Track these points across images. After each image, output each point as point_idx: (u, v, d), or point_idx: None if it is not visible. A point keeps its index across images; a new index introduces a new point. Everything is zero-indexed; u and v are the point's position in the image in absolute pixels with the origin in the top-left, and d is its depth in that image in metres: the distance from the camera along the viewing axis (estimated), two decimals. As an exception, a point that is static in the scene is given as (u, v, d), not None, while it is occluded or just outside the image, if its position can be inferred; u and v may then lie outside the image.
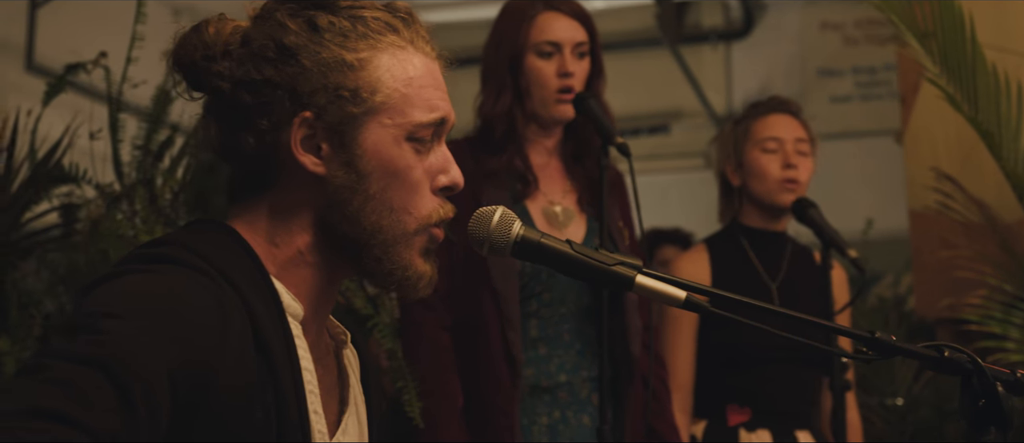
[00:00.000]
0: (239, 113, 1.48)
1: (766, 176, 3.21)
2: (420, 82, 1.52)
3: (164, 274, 1.36)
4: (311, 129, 1.48)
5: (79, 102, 3.29)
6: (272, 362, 1.40)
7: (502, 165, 2.86)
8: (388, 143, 1.50)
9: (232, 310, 1.37)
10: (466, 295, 2.81)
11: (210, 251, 1.42)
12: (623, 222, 3.01)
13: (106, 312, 1.28)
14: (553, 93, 2.87)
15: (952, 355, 1.59)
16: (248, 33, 1.50)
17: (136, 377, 1.22)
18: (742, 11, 7.99)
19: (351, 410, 1.62)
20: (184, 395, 1.29)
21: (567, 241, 1.55)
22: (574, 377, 2.86)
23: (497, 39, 2.93)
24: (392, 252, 1.51)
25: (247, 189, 1.54)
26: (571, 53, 2.87)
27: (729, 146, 3.32)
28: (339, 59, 1.48)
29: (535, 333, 2.85)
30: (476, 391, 2.80)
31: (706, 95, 7.75)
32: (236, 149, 1.50)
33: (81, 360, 1.21)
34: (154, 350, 1.26)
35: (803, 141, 3.26)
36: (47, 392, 1.17)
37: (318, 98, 1.47)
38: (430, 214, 1.53)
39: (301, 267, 1.52)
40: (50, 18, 5.76)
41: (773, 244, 3.29)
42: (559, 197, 2.95)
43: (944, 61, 3.26)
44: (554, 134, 2.97)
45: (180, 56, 1.51)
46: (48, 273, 2.96)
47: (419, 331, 2.82)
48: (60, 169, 2.94)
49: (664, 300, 1.52)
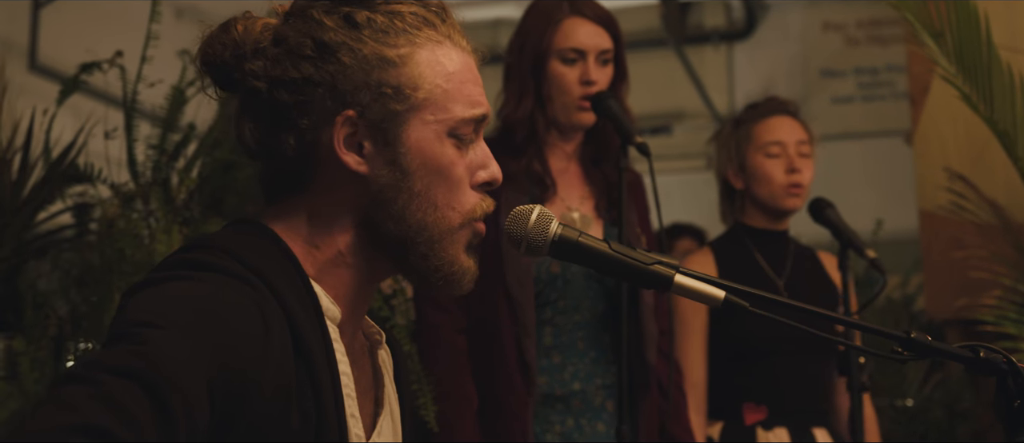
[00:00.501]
0: (278, 112, 1.46)
1: (771, 181, 3.21)
2: (460, 77, 1.51)
3: (205, 282, 1.35)
4: (353, 127, 1.46)
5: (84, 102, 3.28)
6: (311, 367, 1.39)
7: (521, 168, 2.84)
8: (431, 140, 1.48)
9: (272, 317, 1.36)
10: (482, 299, 2.79)
11: (251, 255, 1.41)
12: (640, 227, 2.99)
13: (148, 321, 1.27)
14: (575, 100, 2.85)
15: (987, 356, 1.59)
16: (280, 31, 1.48)
17: (175, 389, 1.21)
18: (744, 11, 8.00)
19: (386, 411, 1.62)
20: (223, 403, 1.28)
21: (605, 239, 1.53)
22: (588, 385, 2.84)
23: (521, 41, 2.91)
24: (438, 249, 1.50)
25: (283, 189, 1.52)
26: (595, 60, 2.85)
27: (730, 149, 3.30)
28: (380, 55, 1.46)
29: (549, 341, 2.84)
30: (491, 395, 2.78)
31: (708, 96, 7.76)
32: (274, 148, 1.49)
33: (122, 372, 1.20)
34: (194, 360, 1.25)
35: (804, 143, 3.25)
36: (89, 406, 1.16)
37: (361, 96, 1.45)
38: (474, 209, 1.52)
39: (340, 268, 1.50)
40: (53, 18, 5.76)
41: (776, 243, 3.30)
42: (577, 203, 2.93)
43: (959, 60, 3.25)
44: (574, 139, 2.96)
45: (208, 55, 1.49)
46: (62, 273, 2.95)
47: (435, 333, 2.80)
48: (74, 169, 2.92)
49: (703, 299, 1.52)
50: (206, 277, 1.36)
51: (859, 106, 7.94)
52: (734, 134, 3.30)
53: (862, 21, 7.90)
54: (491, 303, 2.78)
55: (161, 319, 1.27)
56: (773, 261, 3.26)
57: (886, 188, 6.97)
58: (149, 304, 1.31)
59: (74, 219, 3.05)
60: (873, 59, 7.86)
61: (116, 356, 1.23)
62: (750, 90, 7.89)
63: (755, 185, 3.24)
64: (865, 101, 7.93)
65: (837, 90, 7.99)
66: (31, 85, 5.14)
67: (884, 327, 1.61)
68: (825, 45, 7.99)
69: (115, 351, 1.24)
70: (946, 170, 3.76)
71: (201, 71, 1.52)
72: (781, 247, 3.30)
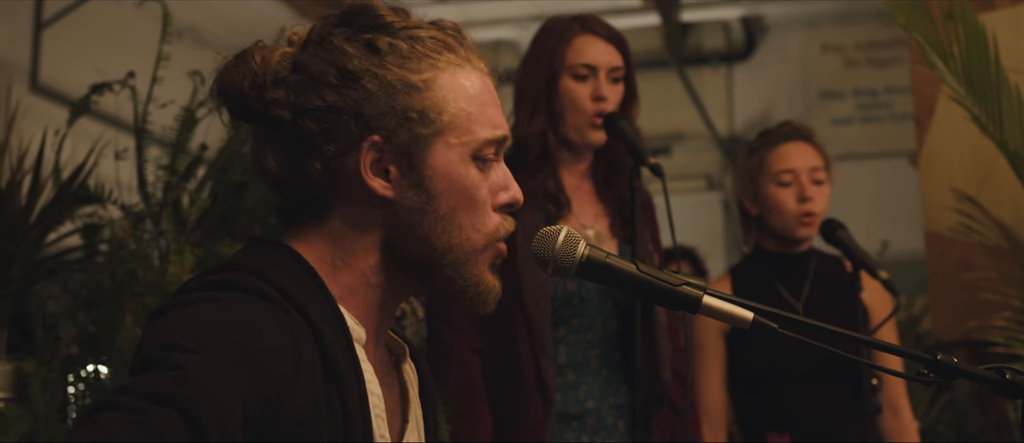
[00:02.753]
0: (303, 141, 1.46)
1: (783, 211, 3.19)
2: (481, 100, 1.52)
3: (234, 303, 1.35)
4: (379, 153, 1.47)
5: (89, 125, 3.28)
6: (340, 388, 1.39)
7: (535, 186, 2.84)
8: (455, 162, 1.49)
9: (302, 338, 1.36)
10: (498, 319, 2.78)
11: (278, 276, 1.41)
12: (653, 246, 2.99)
13: (181, 346, 1.26)
14: (587, 116, 2.85)
15: (1014, 378, 1.59)
16: (300, 59, 1.48)
17: (213, 415, 1.21)
18: (743, 33, 8.03)
19: (411, 427, 1.61)
20: (256, 426, 1.28)
21: (633, 260, 1.53)
22: (602, 404, 2.83)
23: (533, 59, 2.92)
24: (463, 270, 1.50)
25: (304, 212, 1.52)
26: (606, 77, 2.85)
27: (745, 177, 3.28)
28: (404, 81, 1.46)
29: (563, 359, 2.83)
30: (507, 416, 2.77)
31: (708, 117, 7.78)
32: (299, 176, 1.48)
33: (159, 399, 1.20)
34: (229, 385, 1.25)
35: (818, 169, 3.21)
36: (122, 428, 1.16)
37: (387, 121, 1.45)
38: (497, 229, 1.53)
39: (364, 289, 1.50)
40: (54, 39, 5.76)
41: (795, 266, 3.27)
42: (591, 220, 2.92)
43: (969, 81, 3.26)
44: (586, 157, 2.96)
45: (226, 87, 1.48)
46: (71, 295, 2.94)
47: (449, 353, 2.79)
48: (84, 190, 2.91)
49: (732, 320, 1.51)
50: (234, 298, 1.35)
51: (859, 127, 7.97)
52: (748, 162, 3.29)
53: (861, 43, 7.94)
54: (508, 323, 2.78)
55: (194, 343, 1.27)
56: (791, 285, 3.25)
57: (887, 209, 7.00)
58: (180, 327, 1.30)
59: (83, 240, 3.04)
60: (872, 81, 7.89)
61: (153, 382, 1.22)
62: (750, 112, 7.92)
63: (768, 214, 3.22)
64: (864, 122, 7.96)
65: (836, 112, 8.02)
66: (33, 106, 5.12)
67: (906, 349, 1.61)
68: (824, 67, 8.03)
69: (152, 377, 1.23)
70: (953, 191, 3.76)
71: (218, 102, 1.51)
72: (800, 270, 3.27)
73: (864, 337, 1.60)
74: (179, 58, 3.01)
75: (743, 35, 8.04)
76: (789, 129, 3.27)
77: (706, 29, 8.10)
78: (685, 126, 7.95)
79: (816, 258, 3.30)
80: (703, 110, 7.62)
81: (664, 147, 7.98)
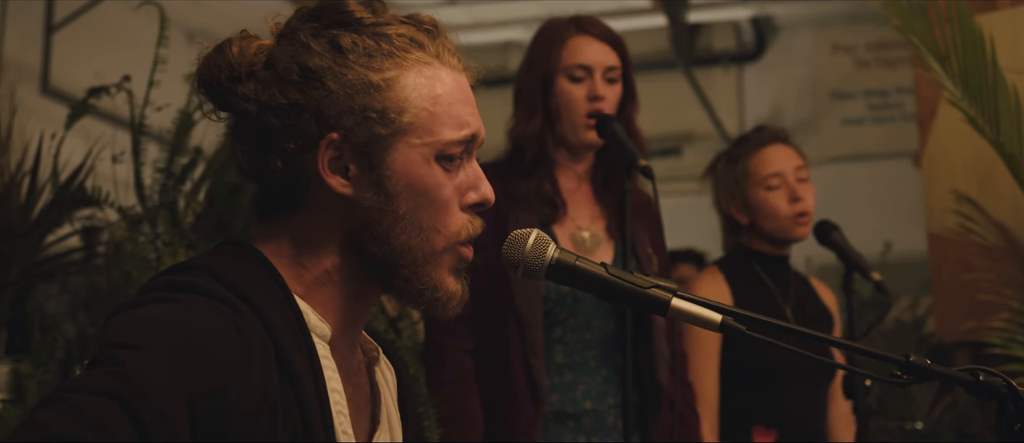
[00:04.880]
0: (266, 136, 1.47)
1: (776, 214, 3.20)
2: (448, 99, 1.50)
3: (184, 303, 1.35)
4: (338, 151, 1.47)
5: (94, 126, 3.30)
6: (297, 384, 1.39)
7: (531, 188, 2.85)
8: (417, 163, 1.48)
9: (254, 336, 1.36)
10: (490, 320, 2.80)
11: (233, 276, 1.42)
12: (653, 248, 2.99)
13: (125, 343, 1.26)
14: (582, 117, 2.85)
15: (987, 379, 1.59)
16: (273, 53, 1.49)
17: (152, 407, 1.20)
18: (754, 34, 8.01)
19: (383, 427, 1.61)
20: (205, 423, 1.28)
21: (602, 264, 1.53)
22: (600, 404, 2.84)
23: (530, 61, 2.93)
24: (421, 272, 1.50)
25: (273, 210, 1.53)
26: (602, 77, 2.86)
27: (730, 187, 3.29)
28: (365, 80, 1.46)
29: (560, 359, 2.84)
30: (498, 416, 2.78)
31: (718, 118, 7.77)
32: (263, 171, 1.50)
33: (98, 392, 1.20)
34: (171, 380, 1.24)
35: (801, 168, 3.24)
36: (63, 423, 1.16)
37: (345, 120, 1.46)
38: (459, 231, 1.52)
39: (328, 286, 1.51)
40: (65, 42, 5.79)
41: (781, 268, 3.29)
42: (587, 222, 2.93)
43: (965, 83, 3.25)
44: (585, 159, 2.96)
45: (205, 77, 1.50)
46: (70, 296, 2.96)
47: (441, 355, 2.80)
48: (82, 192, 2.94)
49: (701, 323, 1.51)
50: (184, 298, 1.36)
51: (869, 128, 7.95)
52: (731, 171, 3.29)
53: (871, 44, 7.92)
54: (500, 322, 2.79)
55: (137, 340, 1.27)
56: (780, 284, 3.27)
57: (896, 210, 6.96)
58: (127, 326, 1.31)
59: (82, 242, 3.07)
60: (883, 81, 7.87)
61: (92, 378, 1.22)
62: (760, 112, 7.91)
63: (761, 219, 3.23)
64: (875, 123, 7.94)
65: (847, 112, 8.00)
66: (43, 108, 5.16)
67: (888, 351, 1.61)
68: (835, 67, 8.01)
69: (92, 374, 1.24)
70: (953, 192, 3.75)
71: (198, 92, 1.52)
72: (785, 272, 3.30)
73: (838, 340, 1.60)
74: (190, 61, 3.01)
75: (753, 35, 8.03)
76: (767, 133, 3.29)
77: (716, 29, 8.09)
78: (695, 127, 7.94)
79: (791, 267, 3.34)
80: (712, 111, 7.62)
81: (674, 148, 7.98)
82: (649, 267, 2.90)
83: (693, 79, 7.23)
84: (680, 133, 8.04)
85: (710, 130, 7.88)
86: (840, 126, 7.93)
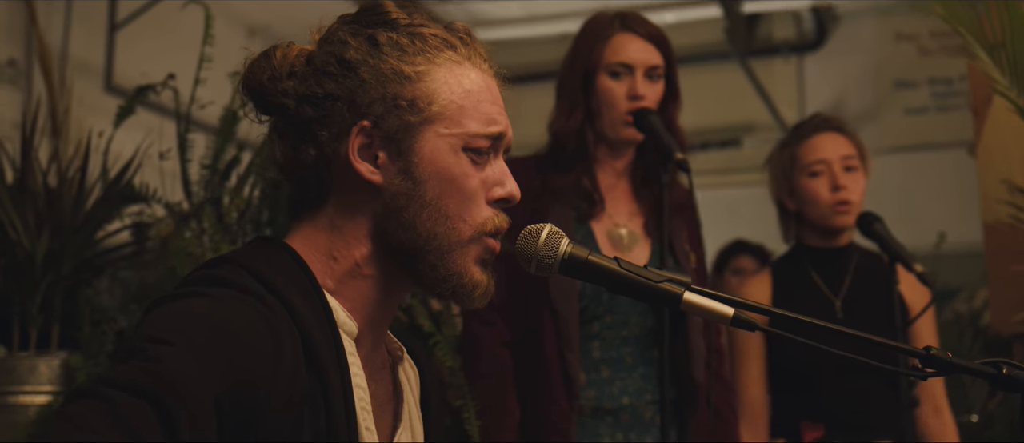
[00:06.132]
0: (302, 126, 1.53)
1: (817, 201, 3.20)
2: (477, 96, 1.56)
3: (216, 298, 1.39)
4: (368, 138, 1.52)
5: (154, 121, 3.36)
6: (324, 381, 1.43)
7: (569, 183, 2.87)
8: (444, 151, 1.53)
9: (283, 331, 1.40)
10: (527, 312, 2.82)
11: (266, 271, 1.46)
12: (690, 245, 2.98)
13: (157, 337, 1.31)
14: (622, 114, 2.86)
15: (1010, 372, 1.58)
16: (312, 54, 1.55)
17: (180, 403, 1.25)
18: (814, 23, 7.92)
19: (404, 426, 1.64)
20: (232, 416, 1.32)
21: (615, 258, 1.55)
22: (638, 400, 2.84)
23: (572, 56, 2.95)
24: (447, 259, 1.53)
25: (306, 204, 1.58)
26: (643, 75, 2.86)
27: (779, 172, 3.30)
28: (397, 71, 1.52)
29: (597, 355, 2.84)
30: (533, 410, 2.80)
31: (779, 108, 7.70)
32: (297, 163, 1.55)
33: (128, 387, 1.25)
34: (200, 375, 1.29)
35: (851, 157, 3.22)
36: (94, 418, 1.21)
37: (376, 107, 1.51)
38: (485, 222, 1.55)
39: (358, 280, 1.55)
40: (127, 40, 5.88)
41: (836, 260, 3.27)
42: (625, 220, 2.93)
43: (1014, 73, 3.20)
44: (624, 156, 2.96)
45: (249, 80, 1.56)
46: (120, 290, 3.02)
47: (478, 347, 2.83)
48: (131, 188, 3.00)
49: (713, 317, 1.52)
50: (218, 293, 1.40)
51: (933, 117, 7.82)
52: (781, 157, 3.30)
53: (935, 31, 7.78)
54: (536, 317, 2.81)
55: (172, 335, 1.32)
56: (830, 280, 3.25)
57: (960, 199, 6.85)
58: (162, 320, 1.35)
59: (133, 237, 3.13)
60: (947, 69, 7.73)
61: (127, 371, 1.27)
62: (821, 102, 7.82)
63: (805, 206, 3.24)
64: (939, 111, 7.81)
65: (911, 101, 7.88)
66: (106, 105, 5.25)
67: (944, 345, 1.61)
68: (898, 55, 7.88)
69: (126, 366, 1.29)
70: (1006, 183, 3.69)
71: (243, 96, 1.59)
72: (840, 265, 3.27)
73: (856, 332, 1.60)
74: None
75: (814, 25, 7.94)
76: (819, 120, 3.29)
77: (776, 19, 8.01)
78: (755, 117, 7.87)
79: (858, 253, 3.29)
80: (769, 101, 7.54)
81: (734, 139, 7.93)
82: (687, 264, 2.90)
83: (749, 69, 7.17)
84: (740, 124, 7.97)
85: (770, 121, 7.81)
86: (903, 115, 7.82)
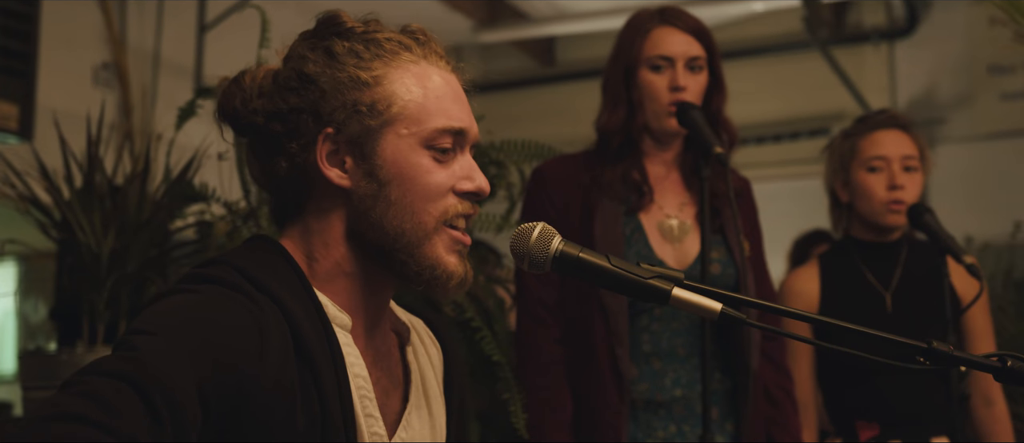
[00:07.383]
0: (273, 142, 1.60)
1: (871, 197, 3.17)
2: (436, 93, 1.62)
3: (203, 293, 1.46)
4: (334, 144, 1.59)
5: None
6: (314, 371, 1.49)
7: (617, 176, 2.89)
8: (405, 151, 1.59)
9: (271, 325, 1.46)
10: (576, 308, 2.84)
11: (255, 269, 1.52)
12: (746, 233, 2.97)
13: (140, 330, 1.38)
14: (664, 106, 2.87)
15: (1015, 365, 1.57)
16: (277, 72, 1.63)
17: (161, 387, 1.30)
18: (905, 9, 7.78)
19: (412, 406, 1.70)
20: (220, 405, 1.37)
21: (606, 255, 1.58)
22: (690, 392, 2.84)
23: (615, 52, 2.98)
24: (417, 254, 1.60)
25: (287, 214, 1.66)
26: (684, 67, 2.87)
27: (837, 163, 3.27)
28: (354, 78, 1.59)
29: (648, 348, 2.85)
30: (585, 404, 2.82)
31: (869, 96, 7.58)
32: (273, 176, 1.62)
33: (111, 374, 1.30)
34: (182, 363, 1.35)
35: (911, 158, 3.18)
36: (75, 401, 1.26)
37: (338, 115, 1.58)
38: (446, 210, 1.61)
39: (341, 278, 1.62)
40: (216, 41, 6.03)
41: (885, 256, 3.23)
42: (675, 210, 2.94)
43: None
44: (673, 147, 2.97)
45: (223, 106, 1.65)
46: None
47: (530, 342, 2.85)
48: (191, 188, 3.09)
49: (701, 312, 1.54)
50: (206, 289, 1.47)
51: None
52: (841, 147, 3.27)
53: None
54: (586, 311, 2.83)
55: (153, 327, 1.38)
56: (880, 273, 3.21)
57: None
58: (148, 316, 1.42)
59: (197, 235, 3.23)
60: (1044, 53, 7.53)
61: (106, 362, 1.33)
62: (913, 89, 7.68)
63: (858, 200, 3.21)
64: (1037, 96, 7.62)
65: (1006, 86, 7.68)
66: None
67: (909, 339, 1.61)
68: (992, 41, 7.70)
69: (108, 357, 1.35)
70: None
71: (218, 122, 1.67)
72: (890, 259, 3.23)
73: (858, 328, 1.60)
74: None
75: (905, 11, 7.79)
76: (885, 116, 3.24)
77: (866, 6, 7.88)
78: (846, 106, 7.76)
79: (908, 245, 3.25)
80: (855, 90, 7.42)
81: (823, 128, 7.82)
82: (739, 253, 2.89)
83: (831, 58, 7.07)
84: (830, 113, 7.86)
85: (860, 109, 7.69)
86: (998, 101, 7.63)
